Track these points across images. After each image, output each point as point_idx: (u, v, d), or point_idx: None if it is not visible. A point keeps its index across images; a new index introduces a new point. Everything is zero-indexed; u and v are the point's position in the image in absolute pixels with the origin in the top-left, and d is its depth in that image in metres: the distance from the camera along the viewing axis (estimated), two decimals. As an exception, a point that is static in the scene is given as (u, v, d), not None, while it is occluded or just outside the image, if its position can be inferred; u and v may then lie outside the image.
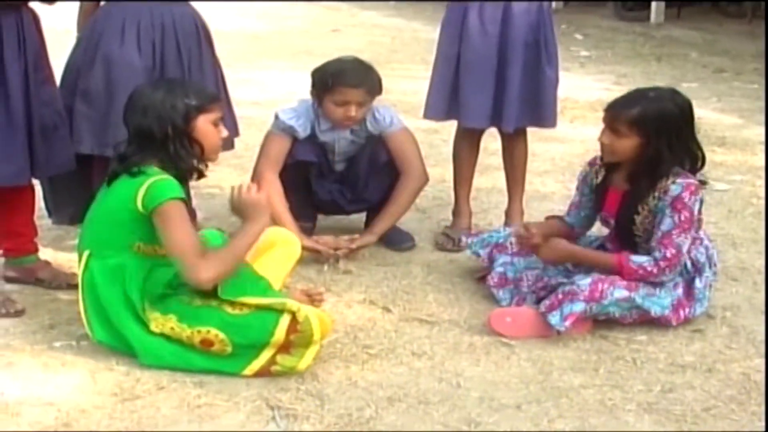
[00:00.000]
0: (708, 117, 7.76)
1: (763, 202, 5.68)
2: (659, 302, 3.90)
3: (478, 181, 5.57)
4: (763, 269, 4.64)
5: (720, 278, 4.43)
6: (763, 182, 6.06)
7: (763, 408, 3.38)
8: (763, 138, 7.10)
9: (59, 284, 4.18)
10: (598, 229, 4.41)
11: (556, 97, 4.82)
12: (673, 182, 3.87)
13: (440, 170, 5.66)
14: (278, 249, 4.00)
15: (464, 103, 4.71)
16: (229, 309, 3.50)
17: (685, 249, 3.90)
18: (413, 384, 3.49)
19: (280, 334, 3.43)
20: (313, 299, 4.03)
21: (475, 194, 5.50)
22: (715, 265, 4.16)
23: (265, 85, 8.38)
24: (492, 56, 4.64)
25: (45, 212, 4.67)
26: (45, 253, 4.41)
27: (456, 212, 5.01)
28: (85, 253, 3.61)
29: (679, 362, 3.70)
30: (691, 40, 11.47)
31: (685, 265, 3.98)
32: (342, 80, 4.49)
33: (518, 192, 5.00)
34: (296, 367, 3.48)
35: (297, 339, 3.44)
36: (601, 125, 3.99)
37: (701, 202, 3.96)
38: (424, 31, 11.63)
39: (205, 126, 3.63)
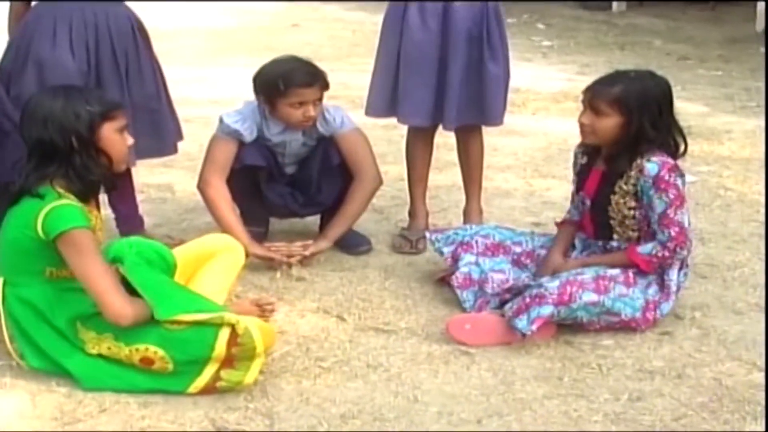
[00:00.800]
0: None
1: (731, 193, 5.52)
2: (631, 303, 3.74)
3: (437, 178, 5.42)
4: (732, 266, 4.48)
5: (688, 276, 4.27)
6: (730, 172, 5.90)
7: (735, 416, 3.21)
8: (729, 127, 6.97)
9: None
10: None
11: (503, 94, 4.61)
12: (648, 160, 3.75)
13: (399, 168, 5.45)
14: (220, 257, 3.82)
15: (404, 100, 4.52)
16: (167, 324, 3.30)
17: (686, 223, 3.79)
18: (368, 399, 3.30)
19: (220, 348, 3.23)
20: (263, 309, 3.87)
21: (435, 192, 5.34)
22: (687, 265, 4.00)
23: (222, 82, 8.14)
24: (433, 52, 4.45)
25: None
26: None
27: (412, 213, 4.82)
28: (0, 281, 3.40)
29: (647, 368, 3.53)
30: (655, 27, 11.33)
31: None
32: (295, 81, 4.29)
33: (476, 190, 4.82)
34: (242, 382, 3.29)
35: (239, 352, 3.25)
36: (564, 117, 3.86)
37: (683, 177, 3.83)
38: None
39: (110, 134, 3.41)
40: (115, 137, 3.43)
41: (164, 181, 5.63)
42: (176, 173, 5.66)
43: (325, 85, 4.38)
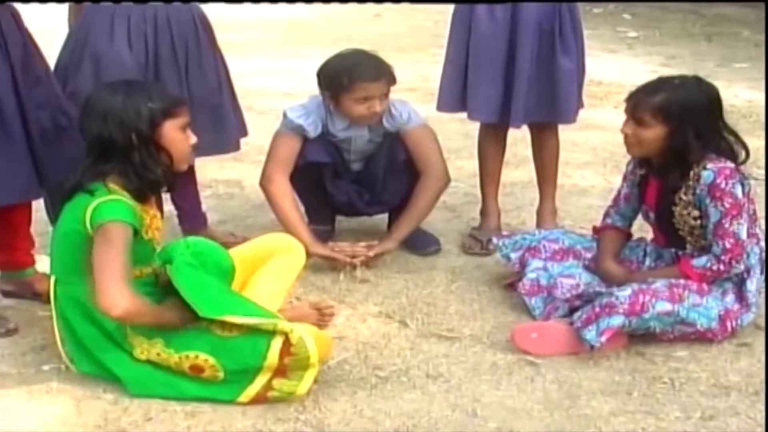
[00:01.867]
0: (760, 99, 7.33)
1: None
2: (706, 313, 3.54)
3: (513, 175, 5.26)
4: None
5: None
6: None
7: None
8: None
9: None
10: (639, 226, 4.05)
11: (576, 90, 4.40)
12: (704, 168, 3.56)
13: (474, 164, 5.23)
14: (279, 257, 3.71)
15: (472, 95, 4.35)
16: (218, 331, 3.19)
17: (743, 235, 3.57)
18: (425, 412, 3.16)
19: (272, 357, 3.12)
20: (323, 314, 3.75)
21: (510, 189, 5.18)
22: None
23: (298, 74, 8.01)
24: (501, 45, 4.27)
25: (43, 220, 4.35)
26: (44, 264, 4.10)
27: (484, 212, 4.65)
28: (52, 279, 3.33)
29: (722, 383, 3.33)
30: (743, 17, 10.92)
31: None
32: (360, 76, 4.15)
33: (549, 190, 4.63)
34: (295, 392, 3.17)
35: (292, 362, 3.13)
36: None
37: (743, 185, 3.62)
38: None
39: (172, 132, 3.31)
40: (176, 135, 3.33)
41: (233, 177, 5.53)
42: (246, 168, 5.53)
43: (392, 80, 4.23)
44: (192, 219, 4.54)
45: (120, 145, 3.23)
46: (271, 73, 7.91)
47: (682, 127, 3.54)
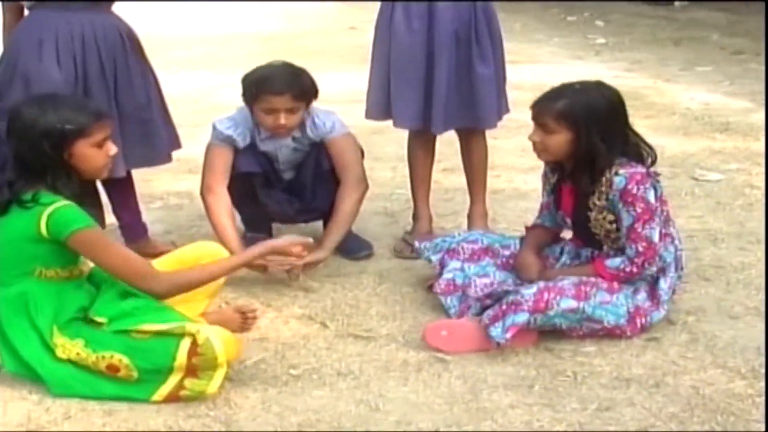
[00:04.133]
0: (716, 101, 7.46)
1: (756, 192, 5.35)
2: (614, 311, 3.63)
3: (451, 179, 5.35)
4: (740, 268, 4.33)
5: (690, 278, 4.16)
6: (760, 170, 5.72)
7: (705, 427, 3.10)
8: (770, 123, 6.76)
9: None
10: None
11: (495, 96, 4.48)
12: (616, 173, 3.64)
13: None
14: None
15: (395, 103, 4.46)
16: (133, 333, 3.31)
17: (656, 238, 3.66)
18: (330, 408, 3.25)
19: (181, 357, 3.23)
20: (246, 317, 3.85)
21: (451, 195, 5.28)
22: (681, 268, 3.89)
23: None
24: (419, 54, 4.36)
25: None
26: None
27: (415, 216, 4.75)
28: None
29: (625, 376, 3.42)
30: (715, 21, 11.08)
31: None
32: (266, 88, 4.24)
33: (479, 194, 4.73)
34: (206, 391, 3.27)
35: (200, 362, 3.23)
36: None
37: (656, 189, 3.70)
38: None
39: (84, 149, 3.39)
40: (89, 152, 3.41)
41: (185, 188, 5.62)
42: (195, 180, 5.62)
43: (302, 96, 4.29)
44: (132, 229, 4.63)
45: (34, 163, 3.34)
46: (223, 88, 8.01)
47: (586, 131, 3.62)
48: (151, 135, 4.33)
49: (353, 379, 3.45)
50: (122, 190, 4.57)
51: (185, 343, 3.24)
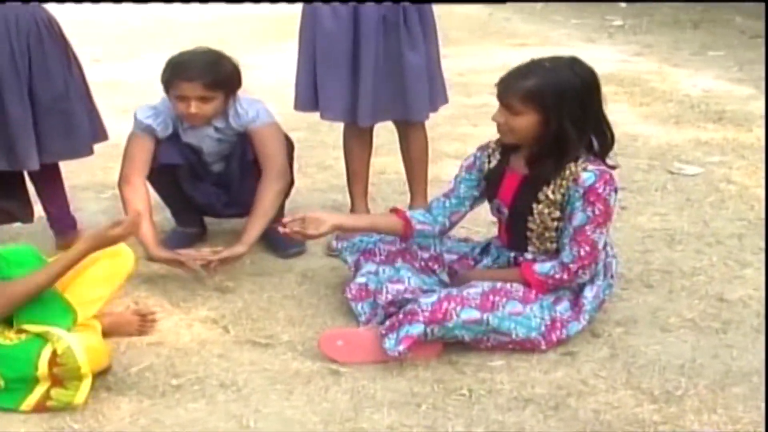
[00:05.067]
0: (718, 88, 7.11)
1: (732, 187, 5.02)
2: (525, 322, 3.36)
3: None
4: (689, 273, 4.03)
5: (633, 285, 3.88)
6: (743, 163, 5.38)
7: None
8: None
9: None
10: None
11: (426, 87, 4.20)
12: (585, 169, 3.33)
13: (382, 161, 5.15)
14: (102, 263, 3.57)
15: (321, 94, 4.20)
16: (1, 339, 3.11)
17: (600, 245, 3.39)
18: (200, 423, 3.04)
19: (42, 367, 3.04)
20: (145, 320, 3.64)
21: (405, 188, 5.00)
22: (612, 276, 3.60)
23: (273, 70, 7.88)
24: (345, 43, 4.09)
25: None
26: None
27: (351, 212, 4.50)
28: None
29: (525, 395, 3.15)
30: (740, 3, 10.59)
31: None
32: (177, 73, 4.00)
33: (419, 189, 4.48)
34: (72, 402, 3.09)
35: (62, 372, 3.04)
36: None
37: (616, 192, 3.41)
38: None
39: None
40: None
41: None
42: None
43: (216, 84, 4.01)
44: (59, 222, 4.44)
45: None
46: (250, 69, 7.75)
47: (556, 113, 3.29)
48: (70, 126, 4.11)
49: (235, 391, 3.22)
50: (48, 182, 4.37)
51: (46, 352, 3.05)
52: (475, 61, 8.22)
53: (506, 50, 8.55)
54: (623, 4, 10.95)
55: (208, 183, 4.30)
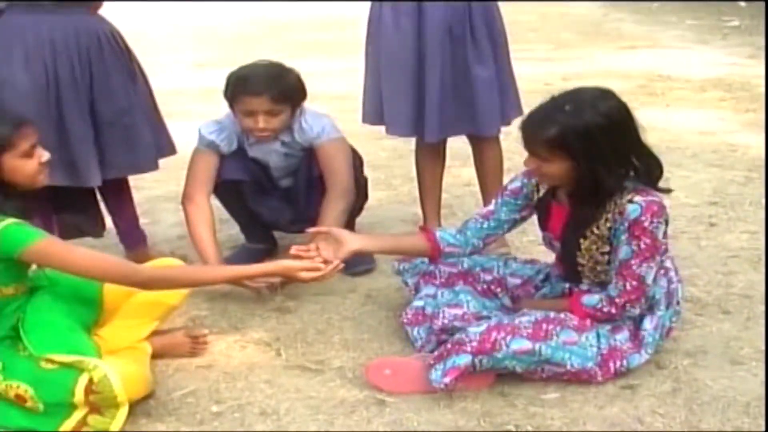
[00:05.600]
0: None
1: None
2: (580, 352, 3.19)
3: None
4: (772, 298, 3.79)
5: (709, 311, 3.67)
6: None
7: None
8: None
9: None
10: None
11: (497, 100, 4.07)
12: (630, 201, 3.14)
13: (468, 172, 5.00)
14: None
15: (387, 109, 4.10)
16: (43, 363, 3.11)
17: (649, 280, 3.19)
18: (231, 455, 2.95)
19: (79, 394, 3.00)
20: (197, 342, 3.59)
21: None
22: (678, 302, 3.40)
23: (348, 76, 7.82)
24: (409, 56, 3.98)
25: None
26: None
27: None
28: None
29: (574, 433, 2.98)
30: None
31: None
32: (243, 88, 3.94)
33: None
34: (108, 430, 3.04)
35: (98, 400, 3.00)
36: (702, 108, 3.29)
37: (666, 223, 3.20)
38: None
39: (10, 162, 3.18)
40: (16, 163, 3.20)
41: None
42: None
43: (283, 98, 3.95)
44: (129, 236, 4.44)
45: None
46: (324, 76, 7.74)
47: (585, 157, 3.11)
48: (133, 141, 4.08)
49: (275, 420, 3.13)
50: (115, 197, 4.38)
51: (83, 380, 3.01)
52: (580, 65, 8.03)
53: (614, 54, 8.34)
54: (743, 4, 10.58)
55: (275, 198, 4.24)
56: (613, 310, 3.21)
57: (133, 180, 4.41)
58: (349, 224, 4.30)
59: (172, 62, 9.50)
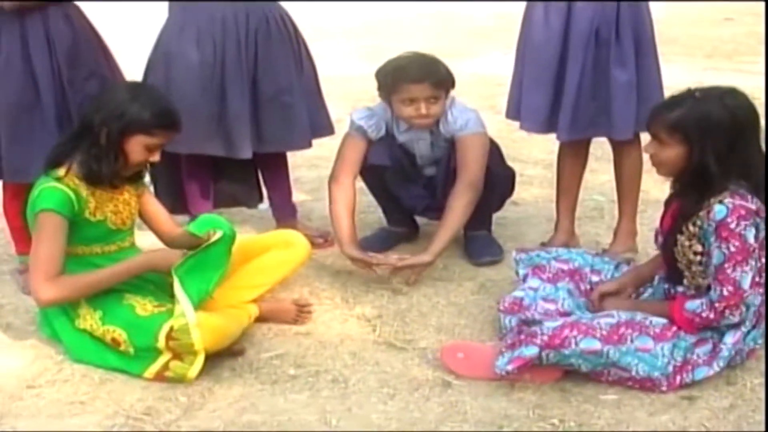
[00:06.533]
0: None
1: None
2: (650, 360, 3.23)
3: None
4: None
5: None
6: None
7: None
8: None
9: None
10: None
11: (634, 105, 4.04)
12: (719, 202, 3.19)
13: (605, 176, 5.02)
14: (274, 253, 3.89)
15: (523, 104, 4.21)
16: (138, 310, 3.45)
17: (746, 284, 3.21)
18: (288, 413, 3.19)
19: (162, 339, 3.33)
20: (301, 310, 3.86)
21: (643, 207, 4.84)
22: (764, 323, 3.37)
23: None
24: (552, 54, 4.06)
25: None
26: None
27: (556, 227, 4.46)
28: None
29: (613, 434, 3.04)
30: None
31: None
32: (403, 77, 4.14)
33: (627, 209, 4.35)
34: (186, 375, 3.36)
35: (177, 346, 3.33)
36: None
37: (758, 229, 3.22)
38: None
39: (136, 145, 3.50)
40: (137, 149, 3.53)
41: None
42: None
43: (441, 83, 4.14)
44: (281, 209, 4.75)
45: (91, 133, 3.51)
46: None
47: (699, 146, 3.20)
48: (290, 119, 4.37)
49: (342, 388, 3.34)
50: (272, 171, 4.70)
51: (166, 327, 3.33)
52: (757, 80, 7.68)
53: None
54: None
55: (419, 185, 4.43)
56: (712, 315, 3.23)
57: (311, 159, 4.60)
58: (487, 217, 4.44)
59: (345, 50, 9.83)
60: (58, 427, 3.14)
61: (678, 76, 6.59)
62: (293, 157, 4.85)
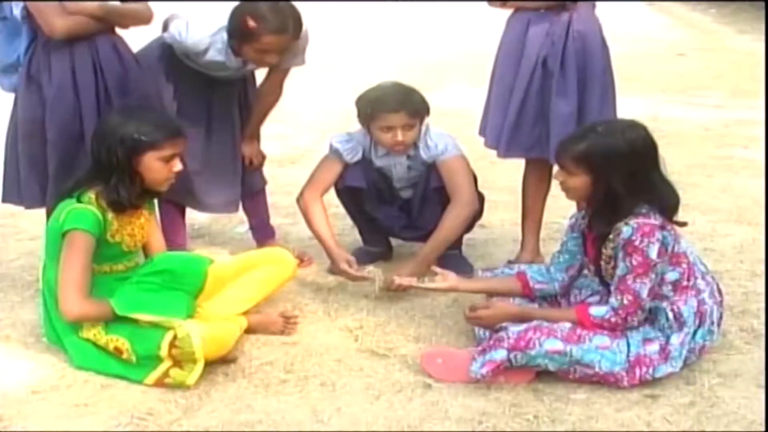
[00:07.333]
0: None
1: None
2: (611, 357, 3.51)
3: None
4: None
5: (760, 341, 3.88)
6: None
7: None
8: None
9: None
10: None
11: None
12: (626, 223, 3.50)
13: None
14: (261, 269, 4.12)
15: (488, 122, 4.56)
16: (141, 321, 3.66)
17: (644, 294, 3.52)
18: (282, 413, 3.43)
19: (165, 348, 3.54)
20: (288, 322, 4.08)
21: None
22: (713, 323, 3.66)
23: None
24: (512, 77, 4.39)
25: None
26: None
27: (522, 246, 4.74)
28: (42, 262, 3.89)
29: (584, 428, 3.30)
30: None
31: (666, 316, 3.58)
32: (382, 106, 4.42)
33: (532, 226, 4.74)
34: (185, 382, 3.57)
35: (179, 354, 3.54)
36: None
37: (663, 243, 3.52)
38: None
39: (151, 162, 3.73)
40: (154, 165, 3.75)
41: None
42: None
43: (417, 112, 4.44)
44: (260, 231, 5.02)
45: (104, 164, 3.73)
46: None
47: (604, 176, 3.51)
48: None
49: (330, 391, 3.58)
50: (253, 196, 4.94)
51: (168, 335, 3.56)
52: (752, 114, 8.05)
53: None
54: None
55: (394, 207, 4.70)
56: (618, 321, 3.53)
57: (285, 186, 4.86)
58: (458, 238, 4.71)
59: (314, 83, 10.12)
60: (67, 428, 3.35)
61: (635, 109, 6.98)
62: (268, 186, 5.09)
